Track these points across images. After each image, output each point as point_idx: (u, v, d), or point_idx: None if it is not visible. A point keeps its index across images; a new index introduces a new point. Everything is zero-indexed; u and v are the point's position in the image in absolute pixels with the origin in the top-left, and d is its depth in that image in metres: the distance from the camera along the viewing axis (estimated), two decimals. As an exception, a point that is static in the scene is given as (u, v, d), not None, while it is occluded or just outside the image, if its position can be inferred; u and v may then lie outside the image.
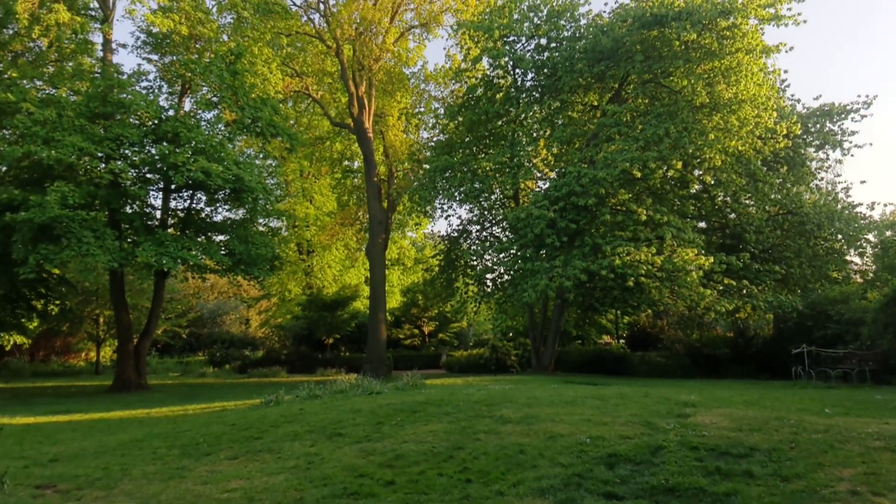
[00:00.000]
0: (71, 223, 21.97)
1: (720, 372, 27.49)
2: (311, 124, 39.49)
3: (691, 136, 23.73)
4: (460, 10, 32.00)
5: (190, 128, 24.87)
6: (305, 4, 33.10)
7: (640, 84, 25.87)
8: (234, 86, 26.24)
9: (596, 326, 38.43)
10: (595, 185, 23.33)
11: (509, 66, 28.38)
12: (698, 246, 24.06)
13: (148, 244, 23.66)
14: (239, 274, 28.95)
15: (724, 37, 23.36)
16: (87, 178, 24.53)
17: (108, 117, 24.73)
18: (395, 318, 45.28)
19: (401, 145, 36.18)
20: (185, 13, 26.12)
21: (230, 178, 24.60)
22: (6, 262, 24.14)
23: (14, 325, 30.85)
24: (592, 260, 22.88)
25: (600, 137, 25.39)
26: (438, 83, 36.38)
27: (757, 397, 13.91)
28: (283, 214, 35.70)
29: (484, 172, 28.80)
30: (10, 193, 22.49)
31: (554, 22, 26.83)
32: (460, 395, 13.15)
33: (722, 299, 24.20)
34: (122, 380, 27.46)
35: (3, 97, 22.81)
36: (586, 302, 26.58)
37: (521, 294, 24.11)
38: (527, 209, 24.68)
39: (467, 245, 32.92)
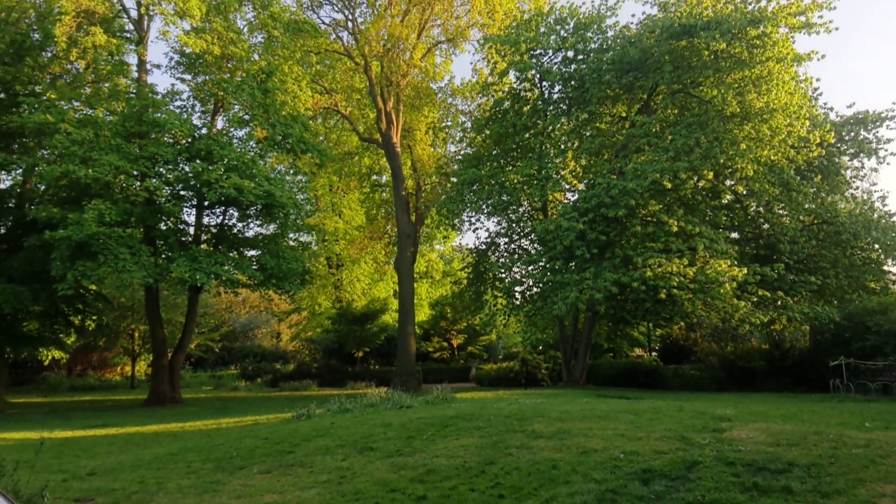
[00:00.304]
0: (108, 240, 22.49)
1: (755, 385, 26.96)
2: (340, 140, 39.93)
3: (722, 146, 23.46)
4: (487, 25, 32.15)
5: (222, 145, 25.34)
6: (334, 23, 33.61)
7: (670, 94, 25.69)
8: (266, 104, 26.69)
9: (628, 339, 37.97)
10: (625, 196, 23.16)
11: (536, 78, 28.41)
12: (731, 257, 23.70)
13: (182, 260, 24.09)
14: (270, 288, 29.33)
15: (755, 46, 23.11)
16: (123, 195, 25.10)
17: (143, 136, 25.31)
18: (424, 332, 45.31)
19: (428, 159, 36.35)
20: (217, 34, 26.67)
21: (262, 194, 24.96)
22: (45, 278, 24.75)
23: (52, 341, 31.56)
24: (623, 272, 22.69)
25: (629, 148, 25.23)
26: (465, 97, 36.53)
27: (794, 411, 13.63)
28: (313, 229, 36.11)
29: (512, 185, 28.78)
30: (49, 212, 23.09)
31: (581, 34, 26.81)
32: (491, 410, 13.09)
33: (756, 311, 23.78)
34: (156, 394, 27.90)
35: (43, 118, 23.47)
36: (618, 314, 26.34)
37: (550, 307, 23.97)
38: (556, 221, 24.58)
39: (496, 258, 32.86)
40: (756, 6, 23.08)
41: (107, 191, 25.08)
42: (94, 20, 25.72)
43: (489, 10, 31.73)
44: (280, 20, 28.92)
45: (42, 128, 23.94)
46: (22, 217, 26.49)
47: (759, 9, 22.82)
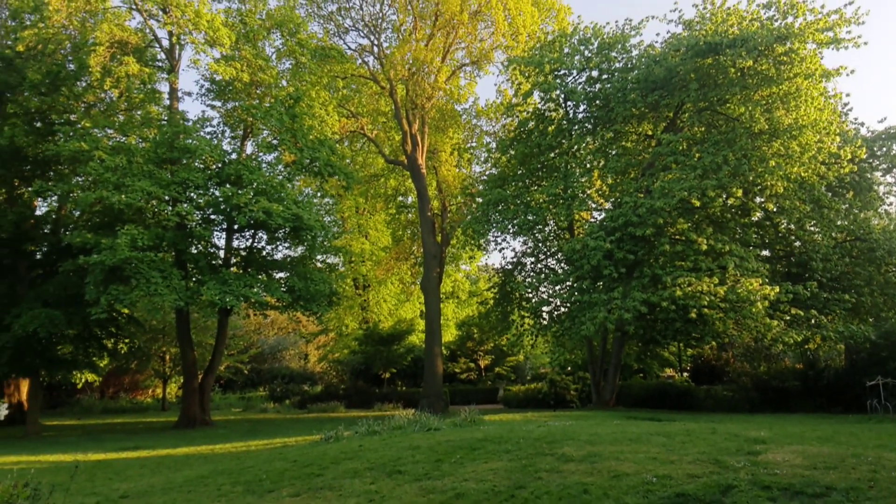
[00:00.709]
0: (140, 264, 22.92)
1: (790, 406, 26.36)
2: (367, 162, 40.35)
3: (751, 163, 23.21)
4: (510, 47, 32.39)
5: (252, 170, 25.77)
6: (360, 48, 34.19)
7: (696, 112, 25.54)
8: (294, 128, 27.11)
9: (658, 359, 37.43)
10: (652, 214, 22.99)
11: (561, 98, 28.46)
12: (762, 275, 23.32)
13: (212, 283, 24.43)
14: (298, 310, 29.58)
15: (782, 62, 22.92)
16: (155, 220, 25.61)
17: (174, 162, 25.85)
18: (451, 352, 45.18)
19: (453, 180, 36.54)
20: (246, 61, 27.24)
21: (290, 217, 25.29)
22: (79, 303, 25.25)
23: (86, 364, 32.10)
24: (652, 291, 22.45)
25: (656, 167, 25.08)
26: (490, 118, 36.77)
27: (831, 433, 13.29)
28: (340, 250, 36.39)
29: (537, 204, 28.73)
30: (84, 237, 23.59)
31: (605, 54, 26.86)
32: (520, 432, 12.98)
33: (790, 330, 23.31)
34: (187, 416, 28.16)
35: (78, 146, 24.07)
36: (647, 334, 26.02)
37: (578, 327, 23.77)
38: (582, 240, 24.45)
39: (522, 277, 32.74)
40: (783, 23, 22.93)
41: (139, 216, 25.62)
42: (127, 50, 26.43)
43: (513, 33, 31.99)
44: (307, 47, 29.45)
45: (77, 155, 24.56)
46: (57, 243, 27.13)
47: (786, 25, 22.66)
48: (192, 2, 26.21)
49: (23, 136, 25.53)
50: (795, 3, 22.73)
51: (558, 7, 34.63)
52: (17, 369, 27.19)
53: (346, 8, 33.04)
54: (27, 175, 28.11)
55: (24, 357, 26.32)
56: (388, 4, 32.54)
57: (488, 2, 30.45)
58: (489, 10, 30.88)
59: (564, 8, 34.68)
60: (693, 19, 25.44)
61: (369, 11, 32.90)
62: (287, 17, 28.73)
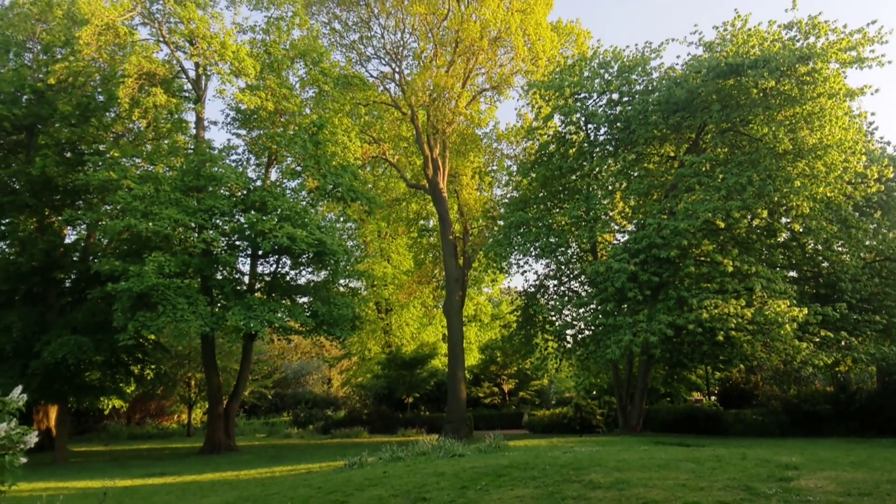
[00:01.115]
0: (167, 291, 23.25)
1: (821, 430, 25.74)
2: (388, 187, 40.66)
3: (776, 184, 22.98)
4: (530, 72, 32.61)
5: (276, 196, 26.13)
6: (382, 75, 34.62)
7: (719, 133, 25.40)
8: (317, 155, 27.48)
9: (685, 383, 36.82)
10: (677, 236, 22.81)
11: (581, 121, 28.50)
12: (790, 297, 22.94)
13: (237, 308, 24.67)
14: (322, 335, 29.71)
15: (805, 82, 22.77)
16: (181, 247, 26.01)
17: (200, 190, 26.29)
18: (474, 376, 44.93)
19: (475, 203, 36.65)
20: (270, 90, 27.76)
21: (313, 242, 25.53)
22: (107, 329, 25.65)
23: (113, 390, 32.49)
24: (678, 314, 22.18)
25: (679, 188, 24.93)
26: (510, 141, 36.94)
27: (864, 458, 12.96)
28: (363, 275, 36.58)
29: (559, 227, 28.66)
30: (112, 265, 24.01)
31: (625, 77, 26.91)
32: (546, 458, 12.83)
33: (819, 352, 22.84)
34: (212, 442, 28.28)
35: (106, 175, 24.63)
36: (674, 358, 25.67)
37: (604, 350, 23.53)
38: (606, 263, 24.30)
39: (545, 300, 32.55)
40: (805, 43, 22.83)
41: (166, 243, 26.04)
42: (154, 81, 27.08)
43: (532, 58, 32.22)
44: (330, 75, 29.95)
45: (106, 184, 25.12)
46: (86, 270, 27.65)
47: (808, 45, 22.56)
48: (219, 34, 26.85)
49: (53, 167, 26.19)
50: (817, 24, 22.65)
51: (577, 32, 34.89)
52: (46, 396, 27.59)
53: (367, 37, 33.59)
54: (57, 204, 28.78)
55: (53, 383, 26.73)
56: (409, 32, 33.01)
57: (508, 28, 30.73)
58: (509, 36, 31.17)
59: (584, 32, 34.93)
60: (713, 41, 25.41)
61: (390, 40, 33.41)
62: (310, 47, 29.27)
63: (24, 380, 24.81)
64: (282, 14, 29.18)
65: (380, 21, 32.87)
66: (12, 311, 26.53)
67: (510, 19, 30.49)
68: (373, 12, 32.63)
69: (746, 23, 25.00)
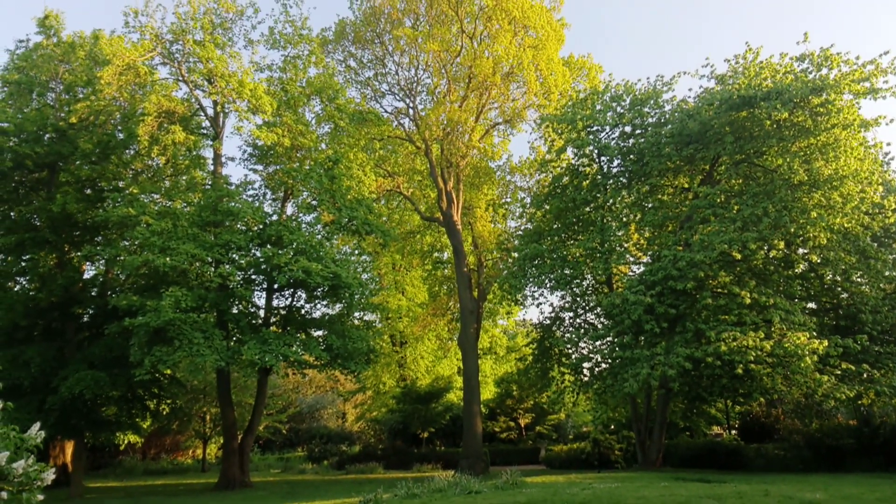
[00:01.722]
0: (183, 325, 23.35)
1: (845, 465, 25.17)
2: (403, 220, 40.86)
3: (792, 215, 22.87)
4: (543, 106, 32.89)
5: (292, 230, 26.33)
6: (396, 111, 35.09)
7: (733, 164, 25.40)
8: (332, 189, 27.74)
9: (705, 417, 36.24)
10: (693, 268, 22.67)
11: (594, 154, 28.62)
12: (810, 329, 22.65)
13: (253, 342, 24.69)
14: (336, 368, 29.60)
15: (818, 113, 22.80)
16: (198, 282, 26.18)
17: (217, 225, 26.56)
18: (490, 410, 44.51)
19: (489, 235, 36.72)
20: (287, 127, 28.19)
21: (328, 275, 25.61)
22: (123, 364, 25.74)
23: (129, 425, 32.45)
24: (696, 346, 21.95)
25: (694, 220, 24.87)
26: (524, 174, 37.13)
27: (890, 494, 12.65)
28: (378, 308, 36.58)
29: (574, 258, 28.58)
30: (129, 300, 24.18)
31: (638, 110, 27.08)
32: (564, 495, 12.63)
33: (841, 385, 22.44)
34: (226, 478, 28.09)
35: (125, 212, 24.95)
36: (693, 391, 25.36)
37: (621, 384, 23.26)
38: (622, 295, 24.16)
39: (561, 332, 32.34)
40: (817, 75, 22.91)
41: (183, 278, 26.23)
42: (174, 119, 27.60)
43: (545, 92, 32.54)
44: (346, 111, 30.39)
45: (125, 220, 25.43)
46: (104, 305, 27.86)
47: (821, 77, 22.63)
48: (237, 72, 27.42)
49: (74, 204, 26.58)
50: (829, 55, 22.75)
51: (589, 66, 35.25)
52: (62, 431, 27.60)
53: (382, 74, 34.13)
54: (77, 240, 29.14)
55: (70, 419, 26.76)
56: (423, 69, 33.51)
57: (520, 64, 31.11)
58: (521, 71, 31.53)
59: (596, 67, 35.28)
60: (725, 74, 25.58)
61: (404, 76, 33.92)
62: (326, 84, 29.75)
63: (42, 415, 24.82)
64: (298, 53, 29.80)
65: (394, 58, 33.44)
66: (31, 347, 26.71)
67: (522, 55, 30.89)
68: (387, 50, 33.20)
69: (758, 55, 25.18)
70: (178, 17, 27.31)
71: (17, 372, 25.65)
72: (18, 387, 25.87)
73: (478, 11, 31.74)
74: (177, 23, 27.34)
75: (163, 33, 27.40)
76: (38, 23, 31.37)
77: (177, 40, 27.52)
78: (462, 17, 31.95)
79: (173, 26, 27.35)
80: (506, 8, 30.78)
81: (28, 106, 29.43)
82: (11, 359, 25.81)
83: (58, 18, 31.59)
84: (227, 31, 28.63)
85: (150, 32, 27.09)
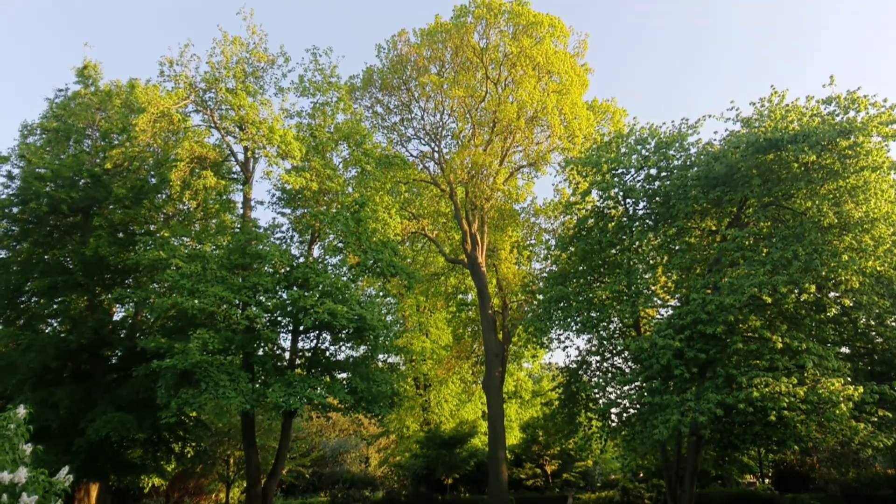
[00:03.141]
0: (209, 368, 23.46)
1: (886, 517, 24.25)
2: (427, 261, 41.04)
3: (822, 258, 22.48)
4: (567, 149, 33.15)
5: (318, 273, 26.53)
6: (421, 154, 35.63)
7: (761, 207, 25.18)
8: (358, 232, 28.01)
9: (737, 465, 35.17)
10: (722, 312, 22.30)
11: (619, 196, 28.55)
12: (844, 374, 22.06)
13: (278, 385, 24.68)
14: (360, 412, 29.39)
15: (847, 156, 22.62)
16: (225, 324, 26.37)
17: (245, 267, 26.89)
18: (516, 456, 43.74)
19: (513, 277, 36.68)
20: (315, 171, 28.67)
21: (353, 317, 25.66)
22: (150, 406, 25.86)
23: (154, 468, 32.39)
24: (727, 392, 21.46)
25: (723, 262, 24.58)
26: (548, 216, 37.20)
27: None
28: (402, 350, 36.47)
29: (600, 301, 28.26)
30: (158, 342, 24.39)
31: (663, 152, 27.08)
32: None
33: (878, 433, 21.74)
34: (249, 522, 27.79)
35: (156, 255, 25.39)
36: (725, 438, 24.71)
37: (651, 431, 22.74)
38: (650, 339, 23.79)
39: (588, 377, 31.82)
40: (844, 117, 22.79)
41: (211, 320, 26.46)
42: (205, 164, 28.24)
43: (569, 135, 32.82)
44: (372, 156, 30.88)
45: (155, 263, 25.86)
46: (132, 347, 28.15)
47: (848, 120, 22.50)
48: (267, 119, 28.08)
49: (106, 247, 27.14)
50: (856, 98, 22.66)
51: (613, 110, 35.56)
52: (89, 474, 27.63)
53: (408, 119, 34.82)
54: (108, 283, 29.66)
55: (96, 461, 26.82)
56: (448, 114, 34.11)
57: (544, 108, 31.52)
58: (545, 115, 31.93)
59: (620, 111, 35.57)
60: (751, 117, 25.55)
61: (430, 121, 34.55)
62: (354, 130, 30.33)
63: (69, 457, 24.96)
64: (327, 100, 30.44)
65: (420, 104, 34.11)
66: (60, 388, 26.99)
67: (546, 100, 31.29)
68: (413, 96, 33.90)
69: (784, 98, 25.17)
70: (211, 66, 28.16)
71: (45, 414, 25.88)
72: (47, 429, 26.08)
73: (502, 58, 32.36)
74: (210, 72, 28.18)
75: (196, 82, 28.23)
76: (77, 72, 32.63)
77: (210, 88, 28.32)
78: (486, 63, 32.57)
79: (207, 75, 28.18)
80: (530, 55, 31.33)
81: (65, 152, 30.36)
82: (41, 401, 26.05)
83: (96, 68, 32.85)
84: (258, 80, 29.41)
85: (184, 81, 27.94)
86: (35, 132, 32.28)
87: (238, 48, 28.77)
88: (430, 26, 33.19)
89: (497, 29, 32.73)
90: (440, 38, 32.76)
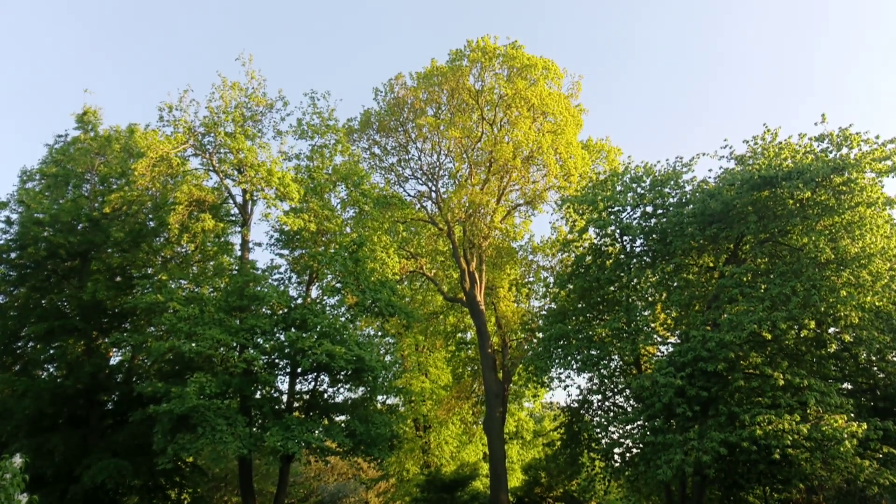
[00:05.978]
0: (206, 412, 23.16)
1: (897, 557, 23.74)
2: (426, 300, 40.90)
3: (821, 294, 22.49)
4: (563, 187, 33.40)
5: (316, 313, 26.42)
6: (419, 194, 35.83)
7: (758, 243, 25.30)
8: (356, 272, 28.00)
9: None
10: (723, 348, 22.22)
11: (616, 233, 28.69)
12: (847, 411, 21.89)
13: (276, 429, 24.35)
14: (359, 455, 28.98)
15: (841, 192, 22.83)
16: (223, 367, 26.15)
17: (243, 309, 26.75)
18: (518, 499, 42.96)
19: (513, 315, 36.55)
20: (313, 212, 28.78)
21: (352, 358, 25.48)
22: (146, 452, 25.48)
23: (150, 516, 31.79)
24: (730, 430, 21.25)
25: (721, 299, 24.57)
26: (546, 253, 37.26)
27: None
28: (401, 391, 36.10)
29: (600, 339, 28.12)
30: (154, 386, 24.14)
31: (658, 190, 27.30)
32: None
33: (884, 470, 21.48)
34: (247, 571, 27.15)
35: (154, 298, 25.31)
36: (729, 478, 24.39)
37: (654, 471, 22.44)
38: (651, 377, 23.64)
39: (589, 416, 31.48)
40: (838, 154, 23.07)
41: (208, 363, 26.25)
42: (204, 207, 28.33)
43: (565, 174, 33.10)
44: (370, 196, 31.04)
45: (153, 307, 25.76)
46: (129, 392, 27.88)
47: (842, 156, 22.76)
48: (265, 162, 28.30)
49: (104, 291, 27.06)
50: (849, 135, 22.96)
51: (608, 149, 35.99)
52: (83, 522, 27.09)
53: (405, 160, 35.12)
54: (105, 327, 29.49)
55: (92, 509, 26.32)
56: (445, 154, 34.43)
57: (539, 148, 31.85)
58: (541, 155, 32.23)
59: (614, 149, 35.99)
60: (745, 154, 25.86)
61: (427, 161, 34.84)
62: (351, 171, 30.55)
63: (63, 505, 24.53)
64: (325, 142, 30.73)
65: (417, 145, 34.46)
66: (56, 435, 26.63)
67: (542, 140, 31.65)
68: (410, 137, 34.26)
69: (777, 136, 25.50)
70: (210, 111, 28.46)
71: (40, 461, 25.49)
72: (41, 476, 25.67)
73: (497, 100, 32.82)
74: (209, 116, 28.45)
75: (195, 126, 28.48)
76: (77, 118, 32.92)
77: (209, 132, 28.55)
78: (482, 105, 33.02)
79: (206, 120, 28.45)
80: (525, 96, 31.78)
81: (64, 197, 30.45)
82: (36, 447, 25.70)
83: (96, 114, 33.17)
84: (256, 123, 29.68)
85: (183, 126, 28.20)
86: (34, 178, 32.43)
87: (237, 93, 29.14)
88: (427, 69, 33.73)
89: (492, 71, 33.27)
90: (436, 80, 33.25)
